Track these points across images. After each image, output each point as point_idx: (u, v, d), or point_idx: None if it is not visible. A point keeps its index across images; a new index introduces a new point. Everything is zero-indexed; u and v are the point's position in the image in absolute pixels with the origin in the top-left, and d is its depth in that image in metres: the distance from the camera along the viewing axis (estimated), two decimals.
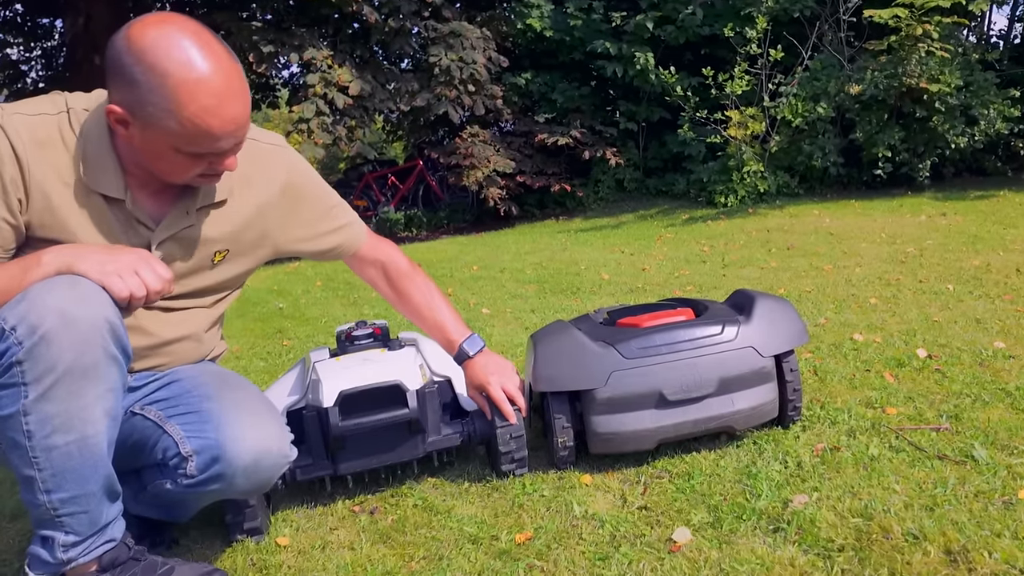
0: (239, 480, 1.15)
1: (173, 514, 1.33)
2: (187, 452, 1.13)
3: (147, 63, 1.01)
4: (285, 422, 1.25)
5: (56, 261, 1.04)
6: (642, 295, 3.32)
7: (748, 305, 1.58)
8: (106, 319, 1.01)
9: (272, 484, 1.23)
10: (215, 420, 1.14)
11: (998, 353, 1.98)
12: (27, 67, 9.60)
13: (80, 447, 1.02)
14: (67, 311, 0.98)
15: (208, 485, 1.14)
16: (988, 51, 6.54)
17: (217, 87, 1.03)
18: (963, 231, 4.04)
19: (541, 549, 1.26)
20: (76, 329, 0.98)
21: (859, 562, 1.12)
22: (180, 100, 1.02)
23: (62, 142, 1.10)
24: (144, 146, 1.08)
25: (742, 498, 1.34)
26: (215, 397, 1.18)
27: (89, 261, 1.03)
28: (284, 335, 3.25)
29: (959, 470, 1.35)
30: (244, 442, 1.13)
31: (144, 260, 1.06)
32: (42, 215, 1.10)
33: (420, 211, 8.24)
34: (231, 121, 1.07)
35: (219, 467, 1.12)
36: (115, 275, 1.03)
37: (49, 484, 1.03)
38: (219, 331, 1.40)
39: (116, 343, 1.03)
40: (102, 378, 1.02)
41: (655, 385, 1.45)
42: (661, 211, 6.71)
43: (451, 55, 7.13)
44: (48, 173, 1.09)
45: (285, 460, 1.20)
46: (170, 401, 1.20)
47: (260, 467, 1.15)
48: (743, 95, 6.35)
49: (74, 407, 1.00)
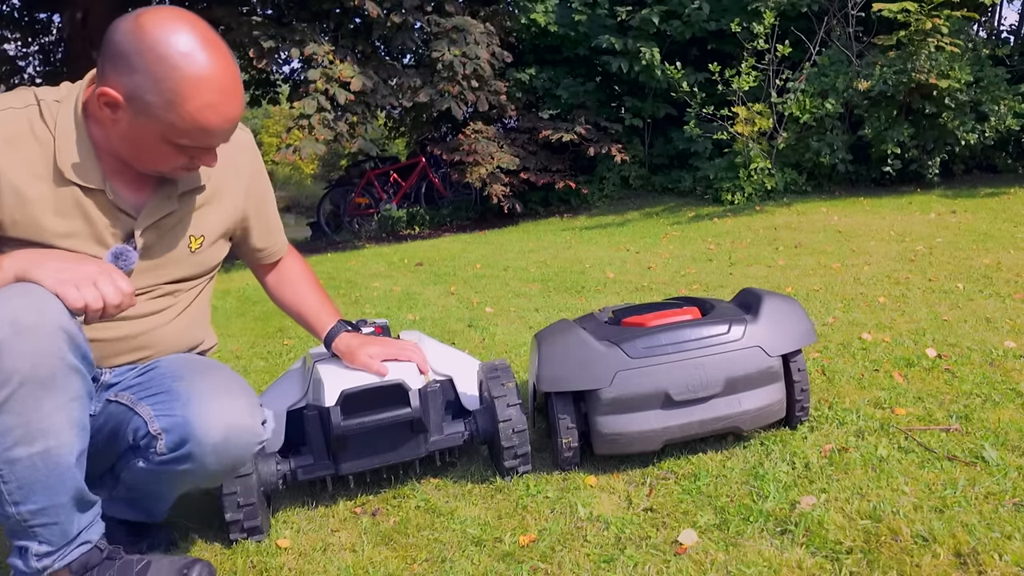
0: (209, 459, 1.12)
1: (149, 509, 1.30)
2: (156, 431, 1.12)
3: (157, 53, 1.02)
4: (259, 403, 1.22)
5: (14, 267, 1.02)
6: (648, 294, 3.30)
7: (755, 304, 1.57)
8: (61, 327, 0.99)
9: (243, 465, 1.20)
10: (183, 398, 1.12)
11: (1009, 353, 1.96)
12: (24, 63, 9.62)
13: (44, 459, 1.01)
14: (19, 320, 0.95)
15: (179, 464, 1.12)
16: (998, 46, 6.49)
17: (221, 86, 1.06)
18: (973, 229, 4.01)
19: (545, 551, 1.24)
20: (30, 339, 0.96)
21: (868, 564, 1.10)
22: (185, 94, 1.03)
23: (32, 136, 1.09)
24: (129, 133, 1.08)
25: (749, 499, 1.32)
26: (186, 378, 1.16)
27: (45, 269, 1.02)
28: (285, 334, 3.24)
29: (969, 471, 1.33)
30: (213, 419, 1.11)
31: (104, 272, 1.04)
32: (13, 212, 1.08)
33: (423, 208, 8.22)
34: (229, 120, 1.10)
35: (189, 446, 1.11)
36: (71, 284, 1.01)
37: (16, 496, 1.01)
38: (205, 322, 1.38)
39: (75, 352, 1.01)
40: (62, 388, 1.00)
41: (661, 385, 1.43)
42: (667, 208, 6.68)
43: (454, 50, 7.11)
44: (19, 169, 1.07)
45: (256, 438, 1.17)
46: (142, 385, 1.19)
47: (230, 444, 1.13)
48: (750, 91, 6.32)
49: (34, 418, 0.99)
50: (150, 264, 1.21)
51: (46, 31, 9.62)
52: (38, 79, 9.35)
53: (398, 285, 4.31)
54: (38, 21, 9.43)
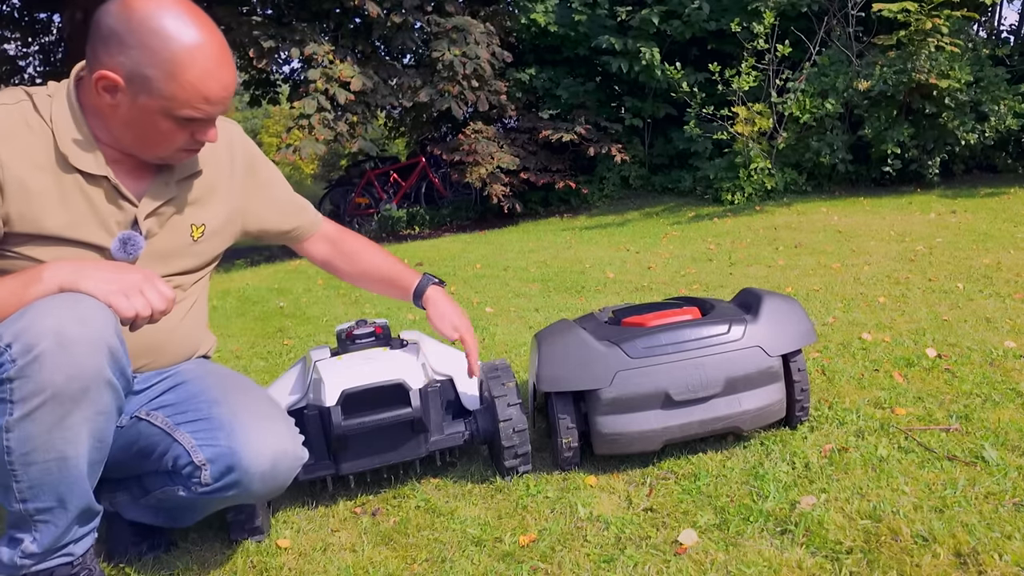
0: (256, 486, 1.14)
1: (178, 520, 1.32)
2: (200, 461, 1.12)
3: (150, 28, 1.04)
4: (293, 422, 1.24)
5: (57, 277, 1.02)
6: (648, 294, 3.30)
7: (755, 304, 1.57)
8: (105, 343, 0.99)
9: (287, 486, 1.22)
10: (227, 427, 1.13)
11: (1009, 352, 1.96)
12: (25, 62, 9.63)
13: (60, 466, 1.02)
14: (65, 333, 0.96)
15: (224, 492, 1.13)
16: (999, 46, 6.49)
17: (216, 52, 1.09)
18: (973, 229, 4.01)
19: (545, 551, 1.24)
20: (71, 353, 0.96)
21: (868, 564, 1.10)
22: (183, 62, 1.06)
23: (28, 129, 1.09)
24: (130, 115, 1.09)
25: (749, 499, 1.32)
26: (223, 401, 1.17)
27: (94, 279, 1.02)
28: (285, 334, 3.24)
29: (969, 471, 1.33)
30: (259, 448, 1.12)
31: (148, 279, 1.05)
32: (19, 204, 1.08)
33: (423, 208, 8.22)
34: (227, 87, 1.12)
35: (235, 475, 1.11)
36: (120, 294, 1.02)
37: (26, 495, 1.02)
38: (205, 323, 1.38)
39: (114, 367, 1.01)
40: (92, 402, 1.00)
41: (661, 385, 1.43)
42: (667, 208, 6.68)
43: (454, 50, 7.10)
44: (20, 162, 1.08)
45: (299, 462, 1.20)
46: (177, 407, 1.19)
47: (277, 471, 1.15)
48: (750, 91, 6.31)
49: (57, 429, 0.99)
50: (156, 254, 1.21)
51: (46, 31, 9.62)
52: (38, 79, 9.35)
53: None
54: (38, 21, 9.43)
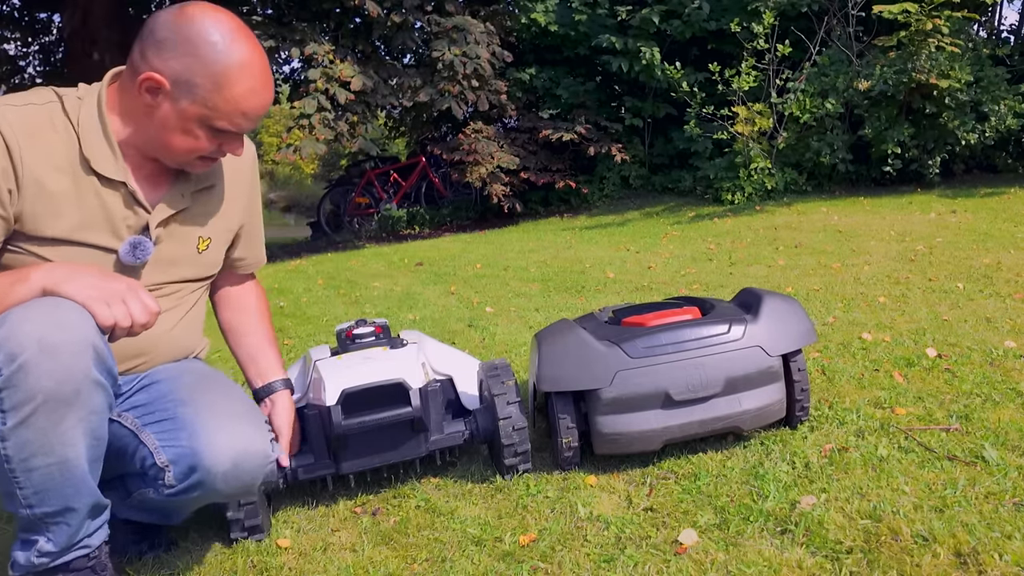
0: (220, 486, 1.12)
1: (167, 517, 1.32)
2: (163, 463, 1.12)
3: (205, 40, 1.09)
4: (264, 420, 1.23)
5: (42, 280, 1.02)
6: (648, 294, 3.30)
7: (755, 304, 1.57)
8: (90, 343, 0.99)
9: (257, 484, 1.19)
10: (189, 427, 1.12)
11: (1009, 352, 1.96)
12: (25, 62, 9.64)
13: (61, 469, 1.02)
14: (46, 339, 0.96)
15: (189, 493, 1.13)
16: (999, 46, 6.48)
17: (261, 73, 1.15)
18: (973, 229, 4.01)
19: (545, 551, 1.24)
20: (56, 357, 0.96)
21: (868, 564, 1.10)
22: (231, 77, 1.11)
23: (53, 129, 1.11)
24: (168, 117, 1.12)
25: (749, 499, 1.32)
26: (189, 401, 1.16)
27: (76, 284, 1.02)
28: (285, 334, 3.24)
29: (969, 471, 1.33)
30: (220, 447, 1.10)
31: (132, 290, 1.05)
32: (35, 204, 1.09)
33: (423, 208, 8.21)
34: (265, 106, 1.17)
35: (197, 475, 1.10)
36: (101, 301, 1.01)
37: (31, 500, 1.03)
38: (200, 329, 1.38)
39: (100, 367, 1.01)
40: (84, 403, 1.00)
41: (661, 385, 1.43)
42: (667, 208, 6.68)
43: (454, 50, 7.10)
44: (40, 161, 1.09)
45: (266, 460, 1.17)
46: (147, 407, 1.19)
47: (240, 471, 1.13)
48: (750, 91, 6.31)
49: (53, 432, 0.99)
50: (160, 261, 1.22)
51: (46, 31, 9.62)
52: (38, 79, 9.36)
53: (398, 285, 4.31)
54: (38, 21, 9.44)
